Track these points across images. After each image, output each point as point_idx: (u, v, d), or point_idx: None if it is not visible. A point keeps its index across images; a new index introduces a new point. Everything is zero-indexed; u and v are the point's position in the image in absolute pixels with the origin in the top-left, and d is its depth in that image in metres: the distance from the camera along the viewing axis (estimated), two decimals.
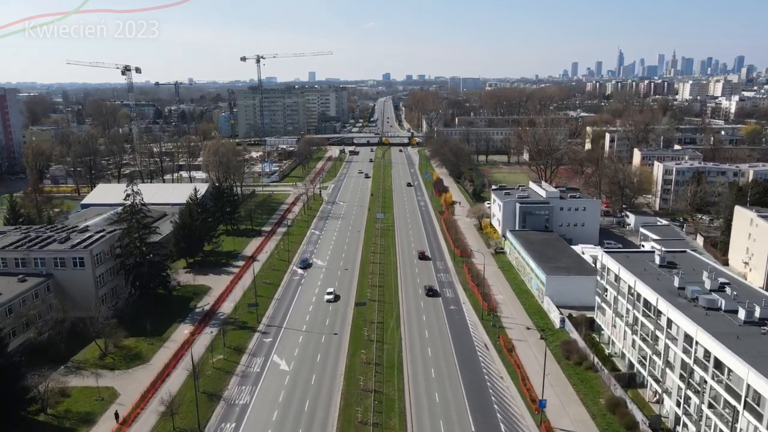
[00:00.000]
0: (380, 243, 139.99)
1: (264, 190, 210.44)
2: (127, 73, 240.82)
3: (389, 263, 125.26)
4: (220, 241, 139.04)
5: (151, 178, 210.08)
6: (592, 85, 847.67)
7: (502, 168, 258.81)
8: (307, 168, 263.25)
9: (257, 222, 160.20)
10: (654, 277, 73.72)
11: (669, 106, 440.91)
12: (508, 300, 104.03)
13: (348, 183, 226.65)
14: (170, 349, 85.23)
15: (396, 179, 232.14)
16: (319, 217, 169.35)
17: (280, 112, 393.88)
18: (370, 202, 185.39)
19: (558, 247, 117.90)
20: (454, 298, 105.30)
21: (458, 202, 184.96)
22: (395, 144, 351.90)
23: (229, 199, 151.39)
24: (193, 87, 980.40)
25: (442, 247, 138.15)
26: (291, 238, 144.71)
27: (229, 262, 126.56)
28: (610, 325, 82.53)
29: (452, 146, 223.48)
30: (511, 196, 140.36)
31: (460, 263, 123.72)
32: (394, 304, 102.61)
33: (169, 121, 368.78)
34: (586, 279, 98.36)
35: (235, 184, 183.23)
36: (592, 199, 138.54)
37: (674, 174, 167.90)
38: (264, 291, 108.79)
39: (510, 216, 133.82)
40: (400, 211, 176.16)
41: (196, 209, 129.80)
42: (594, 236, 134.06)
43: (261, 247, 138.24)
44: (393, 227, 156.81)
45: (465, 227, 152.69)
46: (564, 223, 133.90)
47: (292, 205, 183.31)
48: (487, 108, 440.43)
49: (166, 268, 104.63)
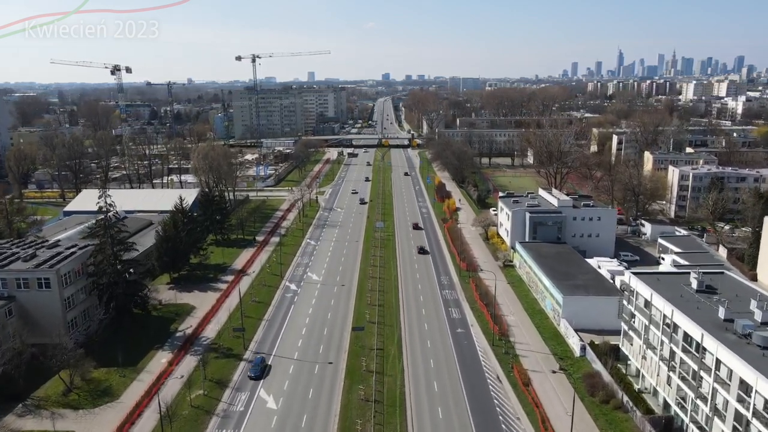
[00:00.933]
0: (380, 255, 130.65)
1: (258, 195, 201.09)
2: (117, 73, 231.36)
3: (389, 278, 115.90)
4: (208, 253, 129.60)
5: (140, 183, 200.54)
6: (593, 85, 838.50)
7: (506, 171, 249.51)
8: (304, 171, 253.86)
9: (249, 231, 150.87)
10: (693, 305, 64.44)
11: (674, 106, 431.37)
12: (521, 322, 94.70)
13: (346, 187, 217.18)
14: (144, 382, 75.81)
15: (396, 183, 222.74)
16: (315, 226, 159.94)
17: (277, 113, 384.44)
18: (369, 210, 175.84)
19: (572, 261, 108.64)
20: (461, 320, 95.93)
21: (462, 209, 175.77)
22: (395, 146, 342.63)
23: (220, 207, 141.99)
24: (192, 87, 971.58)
25: (446, 259, 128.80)
26: (285, 249, 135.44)
27: (216, 277, 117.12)
28: (639, 357, 73.22)
29: (455, 149, 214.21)
30: (520, 204, 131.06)
31: (466, 278, 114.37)
32: (395, 326, 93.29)
33: (164, 122, 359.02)
34: (607, 300, 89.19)
35: (227, 190, 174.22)
36: (608, 209, 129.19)
37: (691, 180, 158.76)
38: (253, 311, 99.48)
39: (519, 226, 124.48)
40: (401, 218, 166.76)
41: (182, 219, 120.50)
42: (609, 248, 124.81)
43: (252, 259, 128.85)
44: (393, 236, 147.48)
45: (470, 237, 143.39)
46: (577, 233, 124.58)
47: (287, 212, 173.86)
48: (489, 109, 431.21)
49: (144, 287, 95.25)
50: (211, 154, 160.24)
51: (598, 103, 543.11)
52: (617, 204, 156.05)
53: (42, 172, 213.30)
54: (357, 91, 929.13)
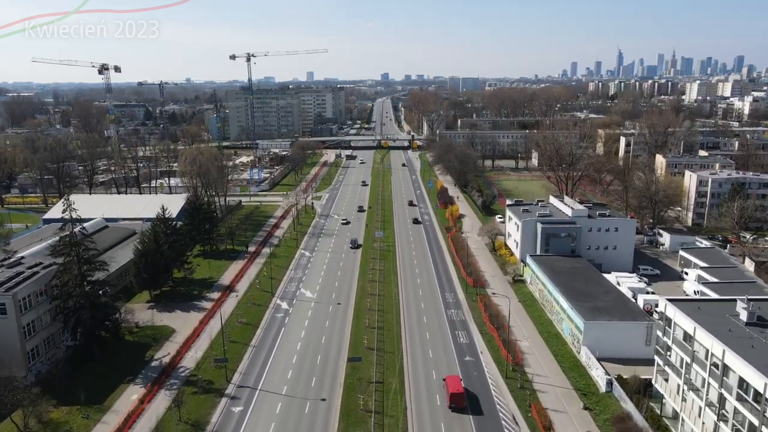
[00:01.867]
0: (379, 268, 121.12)
1: (251, 200, 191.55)
2: (104, 73, 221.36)
3: (389, 295, 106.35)
4: (194, 266, 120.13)
5: (127, 188, 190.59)
6: (594, 85, 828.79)
7: (510, 175, 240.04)
8: (300, 175, 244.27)
9: (240, 240, 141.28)
10: (746, 344, 54.99)
11: (680, 107, 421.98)
12: (536, 348, 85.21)
13: (344, 192, 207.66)
14: (110, 425, 66.21)
15: (396, 188, 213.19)
16: (310, 234, 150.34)
17: (273, 113, 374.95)
18: (368, 217, 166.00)
19: (590, 278, 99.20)
20: (470, 345, 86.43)
21: (466, 216, 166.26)
22: (395, 147, 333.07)
23: (208, 216, 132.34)
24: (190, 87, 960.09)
25: (450, 273, 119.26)
26: (277, 261, 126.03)
27: (202, 294, 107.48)
28: (678, 397, 63.73)
29: (457, 152, 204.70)
30: (531, 213, 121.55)
31: (473, 296, 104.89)
32: (396, 353, 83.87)
33: (158, 123, 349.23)
34: (634, 326, 79.92)
35: (218, 195, 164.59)
36: (626, 219, 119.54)
37: (710, 185, 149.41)
38: (239, 334, 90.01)
39: (530, 238, 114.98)
40: (402, 226, 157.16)
41: (164, 231, 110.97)
42: (628, 261, 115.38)
43: (241, 272, 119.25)
44: (393, 246, 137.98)
45: (476, 247, 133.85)
46: (592, 246, 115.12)
47: (281, 220, 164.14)
48: (491, 109, 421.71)
49: (116, 310, 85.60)
50: (199, 159, 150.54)
51: (601, 104, 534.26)
52: (631, 211, 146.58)
53: (25, 176, 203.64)
54: (356, 91, 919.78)
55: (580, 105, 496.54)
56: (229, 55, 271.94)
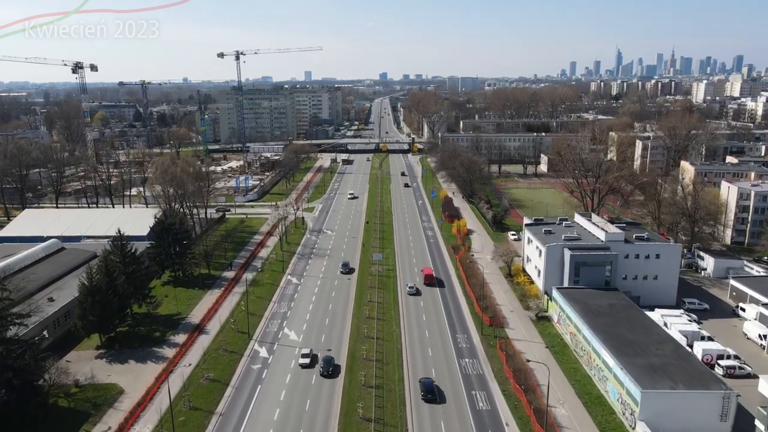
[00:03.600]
0: (378, 299, 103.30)
1: (237, 212, 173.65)
2: (78, 71, 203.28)
3: (391, 338, 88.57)
4: (159, 299, 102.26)
5: (98, 198, 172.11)
6: (596, 84, 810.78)
7: (519, 182, 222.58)
8: (292, 182, 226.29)
9: (218, 263, 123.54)
10: None
11: (691, 107, 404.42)
12: (575, 417, 67.45)
13: (339, 203, 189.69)
14: None
15: (396, 197, 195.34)
16: (299, 255, 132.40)
17: (266, 115, 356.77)
18: (365, 235, 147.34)
19: (634, 321, 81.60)
20: (491, 413, 68.66)
21: (475, 232, 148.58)
22: (394, 151, 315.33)
23: (179, 236, 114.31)
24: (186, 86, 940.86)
25: (461, 306, 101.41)
26: (259, 290, 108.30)
27: (164, 337, 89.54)
28: None
29: (463, 159, 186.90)
30: (555, 236, 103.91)
31: (490, 338, 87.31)
32: (399, 417, 66.22)
33: (148, 124, 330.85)
34: (706, 397, 62.26)
35: (197, 208, 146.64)
36: (670, 244, 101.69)
37: (752, 199, 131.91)
38: (203, 396, 72.16)
39: (556, 266, 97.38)
40: (404, 245, 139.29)
41: (120, 260, 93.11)
42: (671, 294, 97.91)
43: (216, 306, 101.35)
44: (394, 270, 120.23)
45: (489, 272, 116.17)
46: (629, 275, 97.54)
47: (268, 236, 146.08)
48: (494, 110, 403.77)
49: (42, 371, 67.50)
50: (171, 170, 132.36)
51: (606, 104, 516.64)
52: (662, 228, 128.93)
53: None
54: (354, 91, 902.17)
55: (585, 106, 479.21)
56: (217, 54, 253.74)
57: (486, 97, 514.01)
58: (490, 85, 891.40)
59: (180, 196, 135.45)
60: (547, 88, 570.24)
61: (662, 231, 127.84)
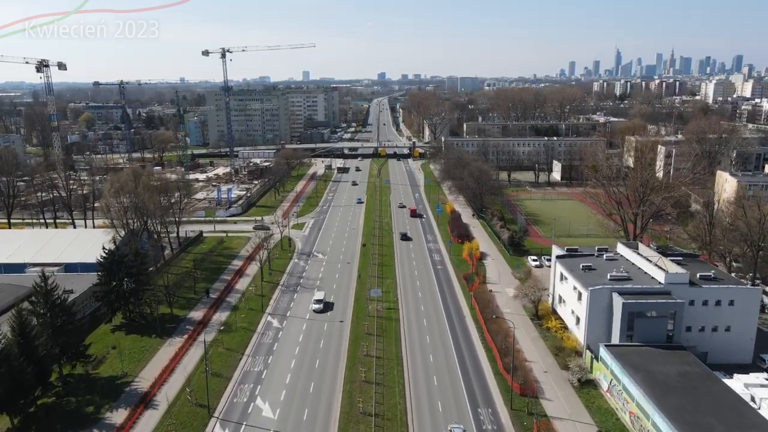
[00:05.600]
0: (376, 353, 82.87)
1: (216, 230, 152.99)
2: (44, 70, 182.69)
3: (393, 415, 68.09)
4: (101, 355, 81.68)
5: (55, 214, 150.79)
6: (599, 84, 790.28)
7: (532, 192, 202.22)
8: (282, 192, 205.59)
9: (184, 299, 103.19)
10: None
11: (707, 108, 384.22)
12: None
13: (332, 218, 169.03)
14: None
15: (397, 212, 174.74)
16: (283, 288, 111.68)
17: (257, 117, 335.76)
18: (361, 265, 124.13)
19: (717, 398, 61.41)
20: None
21: (489, 256, 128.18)
22: (393, 155, 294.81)
23: (133, 270, 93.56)
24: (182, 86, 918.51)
25: (481, 363, 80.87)
26: (230, 339, 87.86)
27: (99, 414, 68.67)
28: None
29: (472, 169, 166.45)
30: (596, 273, 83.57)
31: (523, 414, 66.99)
32: None
33: (127, 127, 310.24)
34: None
35: (166, 228, 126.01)
36: (747, 287, 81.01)
37: None
38: None
39: (601, 314, 76.94)
40: (407, 273, 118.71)
41: (45, 310, 72.50)
42: (746, 350, 77.66)
43: (173, 364, 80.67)
44: (396, 308, 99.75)
45: (510, 311, 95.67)
46: (694, 326, 77.07)
47: (249, 261, 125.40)
48: (499, 111, 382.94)
49: None
50: (128, 187, 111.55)
51: (612, 105, 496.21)
52: (706, 254, 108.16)
53: None
54: (352, 91, 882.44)
55: (591, 107, 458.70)
56: (202, 51, 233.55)
57: (489, 97, 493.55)
58: (489, 85, 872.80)
59: (143, 217, 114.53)
60: (552, 88, 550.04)
61: (706, 257, 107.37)
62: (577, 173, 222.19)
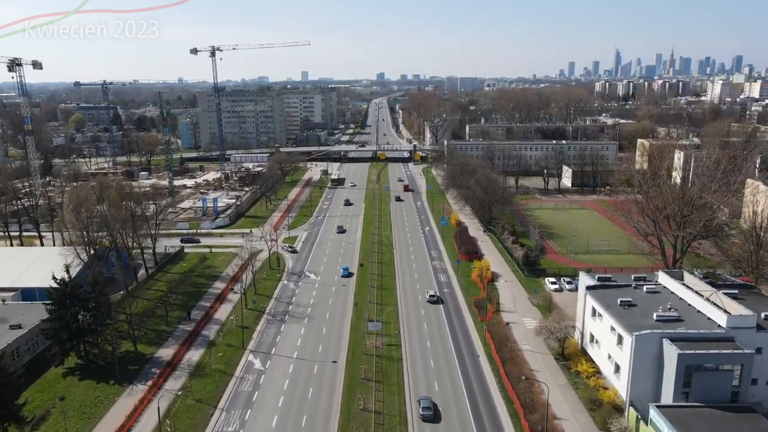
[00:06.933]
0: (375, 406, 69.10)
1: (201, 244, 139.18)
2: (16, 69, 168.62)
3: None
4: (37, 415, 67.75)
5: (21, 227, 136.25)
6: (600, 85, 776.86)
7: (541, 200, 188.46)
8: (274, 200, 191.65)
9: (153, 333, 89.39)
10: None
11: (719, 109, 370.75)
12: None
13: (327, 230, 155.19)
14: None
15: (398, 224, 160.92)
16: (269, 317, 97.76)
17: (251, 119, 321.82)
18: (357, 288, 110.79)
19: None
20: None
21: (501, 276, 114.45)
22: (393, 159, 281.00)
23: (90, 304, 79.68)
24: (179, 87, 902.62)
25: (501, 420, 67.15)
26: (202, 385, 74.00)
27: None
28: None
29: (479, 177, 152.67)
30: (638, 309, 69.84)
31: None
32: None
33: (110, 130, 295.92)
34: None
35: (139, 243, 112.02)
36: None
37: None
38: None
39: (650, 367, 63.20)
40: (410, 302, 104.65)
41: None
42: None
43: (128, 424, 66.66)
44: (398, 345, 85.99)
45: (529, 349, 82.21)
46: (761, 378, 63.51)
47: (232, 283, 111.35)
48: (502, 113, 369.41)
49: None
50: (88, 204, 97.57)
51: (617, 106, 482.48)
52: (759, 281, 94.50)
53: None
54: (350, 91, 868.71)
55: (596, 108, 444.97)
56: (190, 50, 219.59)
57: (491, 98, 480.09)
58: (489, 86, 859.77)
59: (111, 234, 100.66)
60: (552, 88, 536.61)
61: (747, 279, 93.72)
62: (588, 179, 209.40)
